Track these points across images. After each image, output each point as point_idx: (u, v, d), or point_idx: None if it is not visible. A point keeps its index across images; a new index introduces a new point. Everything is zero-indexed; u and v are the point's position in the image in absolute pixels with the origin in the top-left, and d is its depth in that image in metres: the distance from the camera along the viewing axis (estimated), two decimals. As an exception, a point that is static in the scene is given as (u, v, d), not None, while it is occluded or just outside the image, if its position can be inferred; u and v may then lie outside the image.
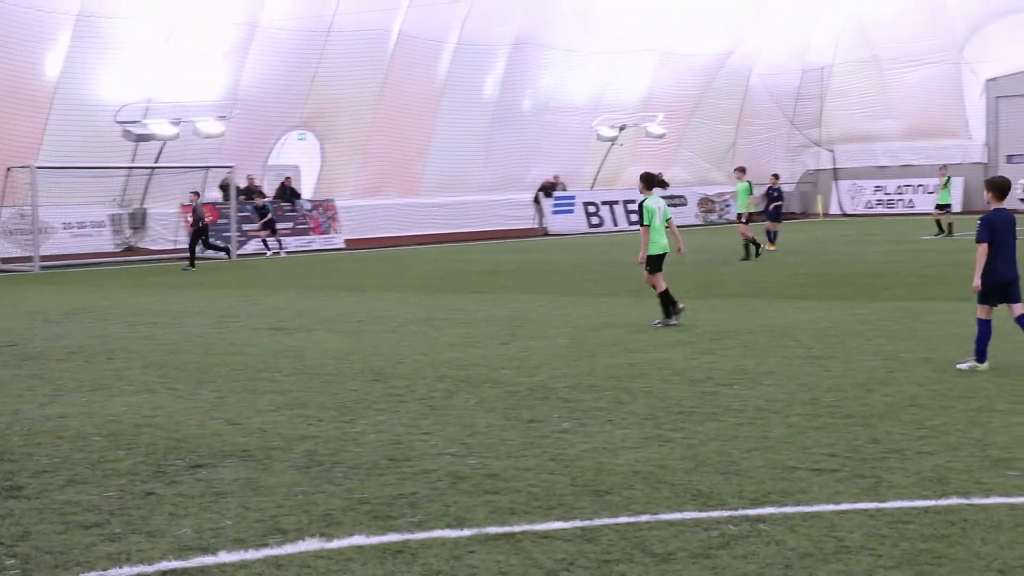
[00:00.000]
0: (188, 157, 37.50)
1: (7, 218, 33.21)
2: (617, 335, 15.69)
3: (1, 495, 8.01)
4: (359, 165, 43.60)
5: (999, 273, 12.08)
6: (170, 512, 7.52)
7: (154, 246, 37.71)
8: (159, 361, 14.22)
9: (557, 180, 48.49)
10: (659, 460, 8.62)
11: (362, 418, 10.44)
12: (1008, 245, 12.12)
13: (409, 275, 27.59)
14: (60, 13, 34.28)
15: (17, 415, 10.89)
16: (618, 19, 48.14)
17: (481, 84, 46.55)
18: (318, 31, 40.12)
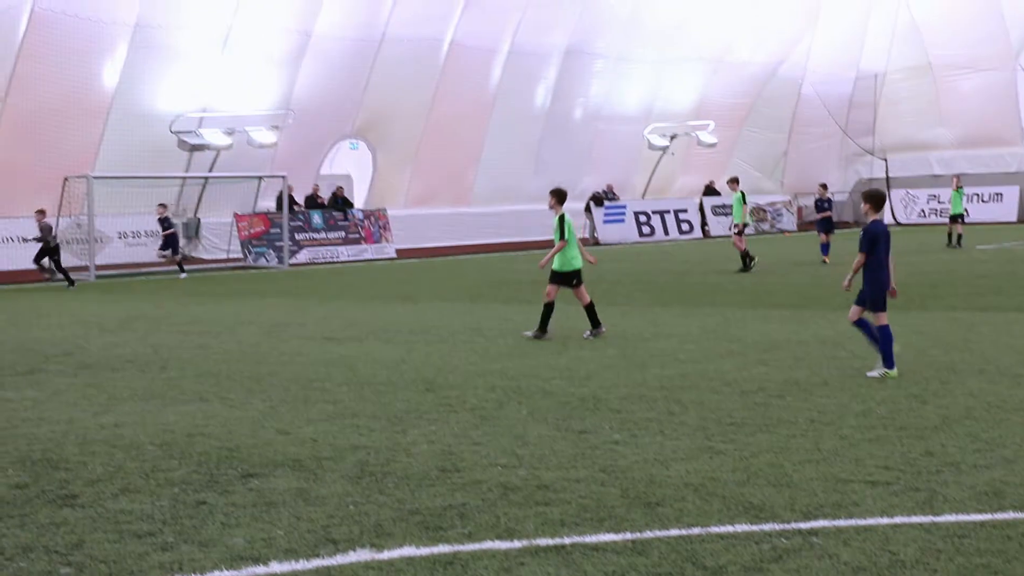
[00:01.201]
0: (242, 167, 37.80)
1: (64, 228, 33.59)
2: (668, 345, 15.63)
3: (56, 503, 8.09)
4: (411, 175, 43.75)
5: (883, 282, 12.77)
6: (222, 522, 7.57)
7: (208, 255, 38.01)
8: (212, 370, 14.32)
9: (610, 189, 48.45)
10: (710, 472, 8.57)
11: (413, 428, 10.46)
12: (887, 255, 12.83)
13: (460, 285, 27.63)
14: (118, 24, 34.69)
15: (72, 424, 11.00)
16: (669, 27, 48.06)
17: (532, 93, 46.60)
18: (371, 40, 40.32)
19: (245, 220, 37.11)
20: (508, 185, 45.88)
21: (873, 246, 12.71)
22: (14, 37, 32.80)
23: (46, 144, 33.70)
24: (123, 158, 35.50)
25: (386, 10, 40.29)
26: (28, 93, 33.38)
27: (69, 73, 33.90)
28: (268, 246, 36.86)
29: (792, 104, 56.09)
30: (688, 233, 49.13)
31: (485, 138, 45.23)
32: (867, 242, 12.73)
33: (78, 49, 33.93)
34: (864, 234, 12.80)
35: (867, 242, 12.73)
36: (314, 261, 37.75)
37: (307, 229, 38.22)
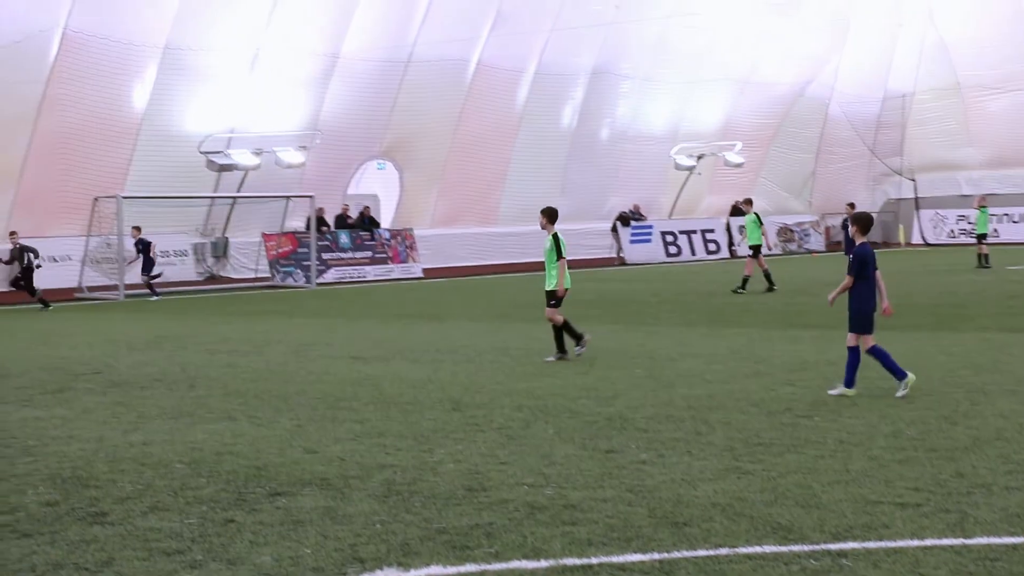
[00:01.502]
0: (269, 187, 37.97)
1: (94, 247, 33.81)
2: (694, 365, 15.59)
3: (86, 521, 8.13)
4: (437, 194, 43.84)
5: (871, 304, 12.87)
6: (250, 540, 7.59)
7: (236, 275, 38.17)
8: (240, 389, 14.37)
9: (636, 210, 48.45)
10: (738, 492, 8.54)
11: (440, 447, 10.46)
12: (873, 278, 12.90)
13: (486, 304, 27.65)
14: (148, 46, 34.94)
15: (102, 442, 11.06)
16: (696, 48, 48.05)
17: (559, 113, 46.65)
18: (398, 61, 40.48)
19: (273, 240, 37.26)
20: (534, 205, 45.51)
21: (862, 269, 12.82)
22: (46, 59, 33.08)
23: (77, 165, 33.96)
24: (152, 178, 35.74)
25: (413, 31, 40.45)
26: (59, 114, 33.65)
27: (99, 94, 34.17)
28: (296, 266, 37.01)
29: (819, 124, 55.95)
30: (715, 253, 49.05)
31: (511, 158, 45.29)
32: (856, 265, 12.82)
33: (108, 71, 34.19)
34: (854, 257, 12.89)
35: (856, 265, 12.82)
36: (341, 281, 37.86)
37: (334, 249, 38.36)
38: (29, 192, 33.76)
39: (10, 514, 8.36)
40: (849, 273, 12.88)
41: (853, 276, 12.82)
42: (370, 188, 43.98)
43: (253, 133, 37.69)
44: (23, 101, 32.82)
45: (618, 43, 46.13)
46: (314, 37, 38.05)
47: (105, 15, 33.35)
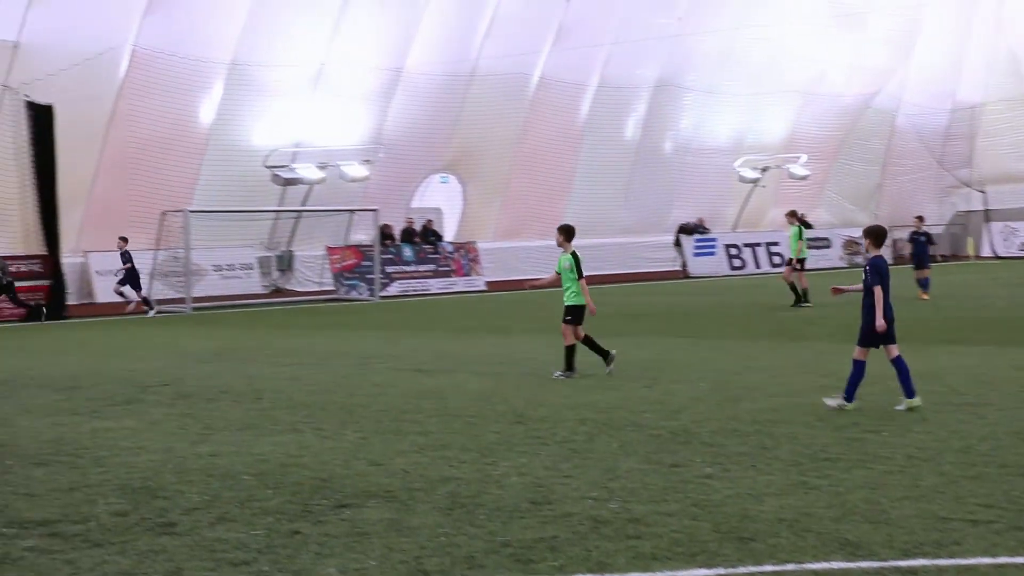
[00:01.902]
0: (334, 200, 38.25)
1: (161, 261, 34.23)
2: (760, 379, 15.48)
3: (155, 531, 8.22)
4: (500, 207, 43.94)
5: (887, 316, 12.85)
6: (316, 551, 7.63)
7: (300, 288, 38.47)
8: (305, 401, 14.47)
9: (701, 223, 48.26)
10: (805, 507, 8.46)
11: (504, 460, 10.46)
12: (888, 289, 12.88)
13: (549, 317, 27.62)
14: (215, 62, 35.40)
15: (170, 453, 11.17)
16: (760, 60, 47.83)
17: (622, 126, 46.62)
18: (461, 76, 40.67)
19: (337, 253, 37.51)
20: (597, 217, 45.86)
21: (880, 281, 12.79)
22: (115, 76, 33.61)
23: (145, 179, 34.43)
24: (219, 192, 36.16)
25: (476, 45, 40.63)
26: (128, 130, 34.16)
27: (167, 110, 34.66)
28: (360, 279, 37.22)
29: (886, 136, 55.43)
30: (780, 266, 48.66)
31: (574, 171, 45.33)
32: (877, 275, 12.76)
33: (176, 87, 34.68)
34: (872, 268, 12.86)
35: (877, 275, 12.76)
36: (405, 293, 38.02)
37: (398, 262, 38.53)
38: (99, 206, 34.29)
39: (82, 523, 8.47)
40: (875, 283, 12.78)
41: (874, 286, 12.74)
42: (433, 201, 44.18)
43: (318, 147, 38.00)
44: (94, 117, 33.36)
45: (682, 55, 46.04)
46: (378, 52, 38.33)
47: (173, 32, 33.83)
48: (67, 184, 31.62)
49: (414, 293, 38.27)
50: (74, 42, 32.01)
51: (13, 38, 31.42)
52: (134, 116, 34.16)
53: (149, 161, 34.52)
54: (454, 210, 44.23)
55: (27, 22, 31.35)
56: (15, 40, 31.44)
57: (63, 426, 12.95)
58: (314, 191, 38.30)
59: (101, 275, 34.34)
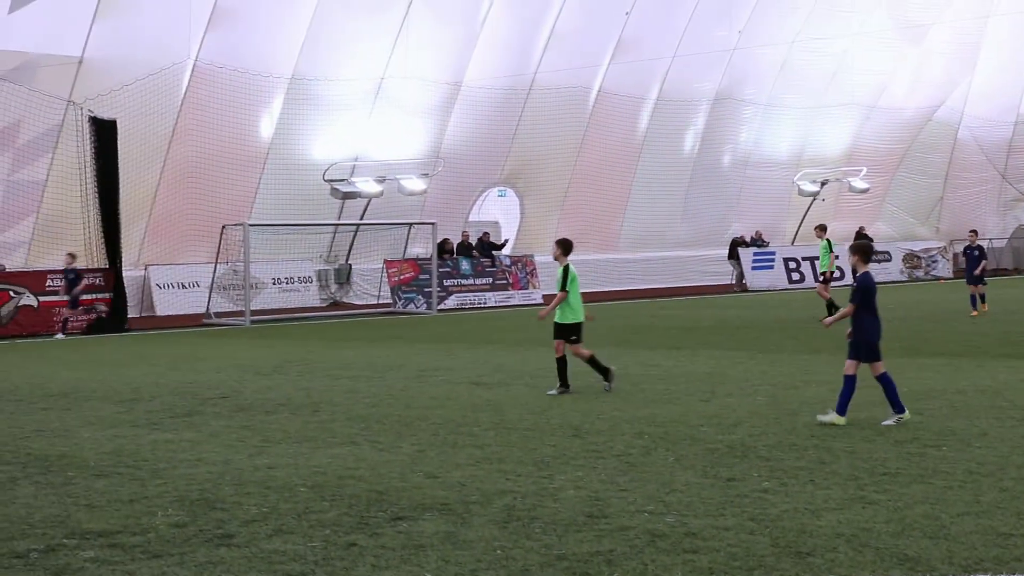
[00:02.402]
0: (392, 214, 38.44)
1: (221, 274, 34.54)
2: (818, 393, 15.35)
3: (213, 543, 8.29)
4: (558, 221, 43.96)
5: (877, 332, 12.96)
6: (372, 563, 7.66)
7: (358, 301, 38.66)
8: (362, 414, 14.53)
9: (759, 236, 48.00)
10: (863, 522, 8.38)
11: (560, 473, 10.45)
12: (875, 307, 12.95)
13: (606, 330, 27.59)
14: (275, 76, 35.73)
15: (228, 465, 11.26)
16: (821, 73, 47.57)
17: (681, 139, 46.51)
18: (520, 89, 40.77)
19: (395, 266, 37.68)
20: (655, 231, 45.80)
21: (866, 298, 12.82)
22: (178, 91, 34.01)
23: (206, 193, 34.79)
24: (278, 206, 36.45)
25: (535, 59, 40.71)
26: (189, 144, 34.55)
27: (228, 124, 35.00)
28: (417, 292, 37.36)
29: (948, 149, 54.84)
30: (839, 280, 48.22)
31: (632, 184, 45.27)
32: (860, 294, 12.84)
33: (237, 101, 35.02)
34: (858, 286, 12.91)
35: (860, 294, 12.84)
36: (462, 307, 38.10)
37: (455, 275, 38.62)
38: (160, 220, 34.68)
39: (142, 535, 8.56)
40: (852, 301, 12.89)
41: (856, 304, 12.84)
42: (491, 215, 44.28)
43: (376, 161, 38.21)
44: (156, 132, 33.78)
45: (741, 68, 45.89)
46: (437, 66, 38.50)
47: (235, 47, 34.19)
48: (129, 198, 32.01)
49: (471, 306, 38.34)
50: (137, 57, 32.44)
51: (78, 54, 31.89)
52: (195, 130, 34.54)
53: (210, 175, 34.88)
54: (512, 223, 44.30)
55: (91, 38, 31.81)
56: (80, 56, 31.90)
57: (123, 438, 13.10)
58: (372, 204, 38.50)
59: (161, 288, 34.72)
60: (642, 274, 44.73)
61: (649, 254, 45.34)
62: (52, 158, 32.37)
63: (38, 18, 30.93)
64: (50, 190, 32.42)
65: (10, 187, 32.29)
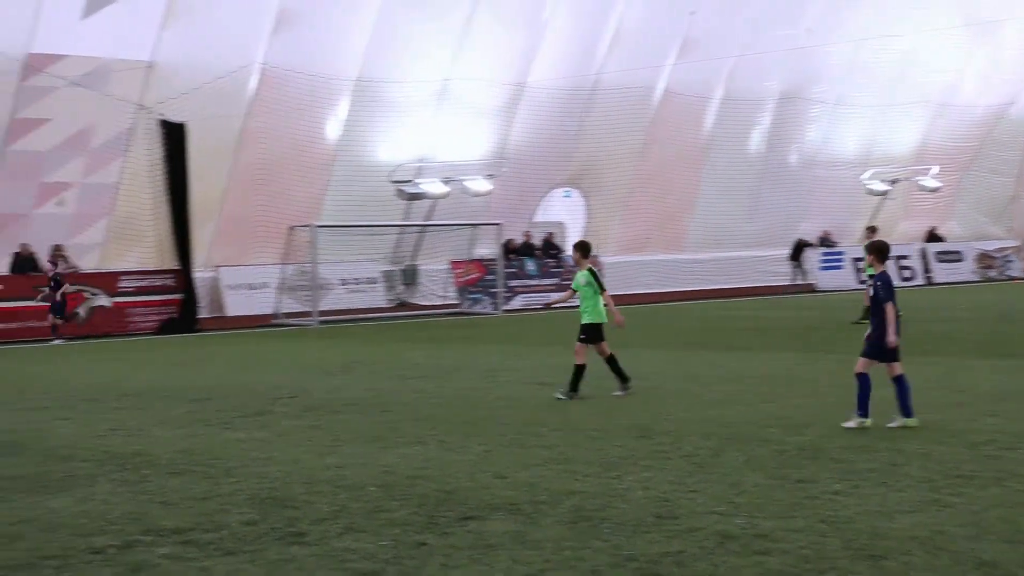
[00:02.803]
0: (457, 215, 38.54)
1: (289, 275, 34.82)
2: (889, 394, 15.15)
3: (285, 541, 8.36)
4: (623, 221, 43.85)
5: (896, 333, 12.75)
6: (441, 563, 7.69)
7: (425, 301, 38.81)
8: (430, 414, 14.59)
9: (827, 236, 47.58)
10: (938, 526, 8.28)
11: (629, 474, 10.43)
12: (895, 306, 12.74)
13: (673, 331, 27.48)
14: (341, 79, 35.95)
15: (298, 464, 11.35)
16: (890, 71, 47.02)
17: (747, 139, 46.18)
18: (584, 89, 40.70)
19: (461, 267, 37.77)
20: (722, 231, 45.52)
21: (891, 293, 12.66)
22: (245, 94, 34.33)
23: (273, 195, 35.08)
24: (345, 207, 36.66)
25: (600, 59, 40.64)
26: (257, 147, 34.86)
27: (295, 127, 35.29)
28: (483, 292, 37.42)
29: (1022, 146, 53.97)
30: (910, 280, 47.71)
31: (698, 184, 45.04)
32: (888, 290, 12.65)
33: (304, 104, 35.28)
34: (882, 284, 12.72)
35: (888, 290, 12.65)
36: (528, 307, 38.10)
37: (521, 276, 38.65)
38: (229, 222, 35.03)
39: (215, 532, 8.66)
40: (886, 302, 12.64)
41: (886, 302, 12.62)
42: (556, 215, 44.25)
43: (442, 162, 38.33)
44: (224, 135, 34.12)
45: (809, 67, 45.48)
46: (501, 67, 38.54)
47: (301, 50, 34.44)
48: (199, 200, 32.38)
49: (536, 307, 38.33)
50: (206, 61, 32.78)
51: (148, 58, 32.30)
52: (263, 133, 34.84)
53: (277, 177, 35.17)
54: (577, 224, 44.23)
55: (161, 42, 32.21)
56: (149, 60, 32.31)
57: (196, 437, 13.25)
58: (438, 205, 38.63)
59: (231, 289, 35.05)
60: (708, 274, 44.46)
61: (716, 254, 45.06)
62: (124, 161, 32.83)
63: (109, 23, 31.34)
64: (122, 193, 32.88)
65: (84, 190, 32.78)
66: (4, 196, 31.22)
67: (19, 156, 31.27)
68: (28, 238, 31.01)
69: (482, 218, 38.92)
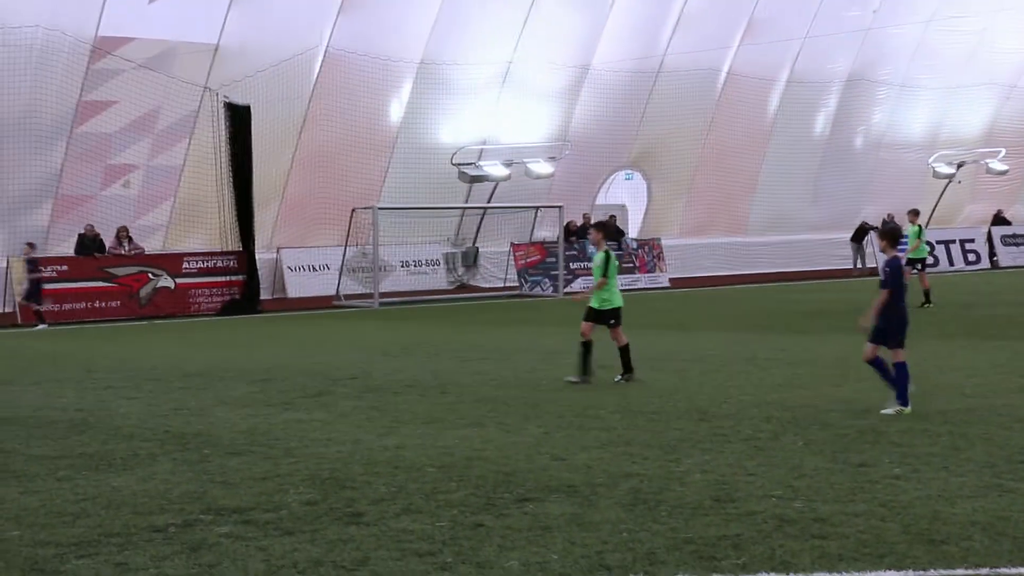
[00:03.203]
0: (519, 197, 38.52)
1: (351, 257, 35.00)
2: (952, 379, 15.02)
3: (343, 521, 8.43)
4: (685, 204, 43.63)
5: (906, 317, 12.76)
6: (499, 544, 7.71)
7: (485, 283, 38.86)
8: (489, 396, 14.63)
9: (891, 219, 47.01)
10: (1000, 511, 8.19)
11: (687, 457, 10.40)
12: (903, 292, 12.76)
13: (734, 314, 27.33)
14: (405, 62, 36.05)
15: (358, 445, 11.44)
16: (959, 52, 46.35)
17: (811, 121, 45.74)
18: (647, 72, 40.49)
19: (522, 249, 37.78)
20: (785, 214, 45.15)
21: (895, 281, 12.57)
22: (309, 77, 34.53)
23: (336, 177, 35.27)
24: (406, 189, 36.80)
25: (664, 41, 40.42)
26: (320, 129, 35.06)
27: (358, 109, 35.43)
28: (543, 275, 37.41)
29: (1092, 128, 53.02)
30: (975, 264, 47.06)
31: (761, 167, 44.68)
32: (892, 277, 12.57)
33: (367, 86, 35.42)
34: (888, 269, 12.67)
35: (892, 277, 12.57)
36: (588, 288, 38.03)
37: (582, 258, 38.58)
38: (292, 204, 35.29)
39: (274, 512, 8.74)
40: (885, 286, 12.59)
41: (890, 289, 12.56)
42: (618, 198, 44.12)
43: (504, 144, 38.33)
44: (289, 117, 34.36)
45: (875, 49, 44.94)
46: (565, 49, 38.44)
47: (365, 33, 34.57)
48: (262, 182, 32.61)
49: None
50: (270, 44, 33.01)
51: (214, 41, 32.57)
52: (326, 116, 35.03)
53: (340, 159, 35.34)
54: (639, 207, 44.07)
55: (227, 25, 32.46)
56: (215, 43, 32.58)
57: (256, 417, 13.38)
58: (500, 188, 38.64)
59: (292, 271, 35.33)
60: (771, 258, 44.13)
61: (779, 237, 44.73)
62: (189, 143, 33.16)
63: (176, 7, 31.65)
64: (187, 175, 33.21)
65: (149, 172, 33.16)
66: (71, 177, 31.66)
67: (86, 138, 31.69)
68: (93, 219, 31.42)
69: (543, 201, 38.88)
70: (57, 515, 8.80)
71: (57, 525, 8.49)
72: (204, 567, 7.36)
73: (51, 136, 30.77)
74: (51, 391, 16.08)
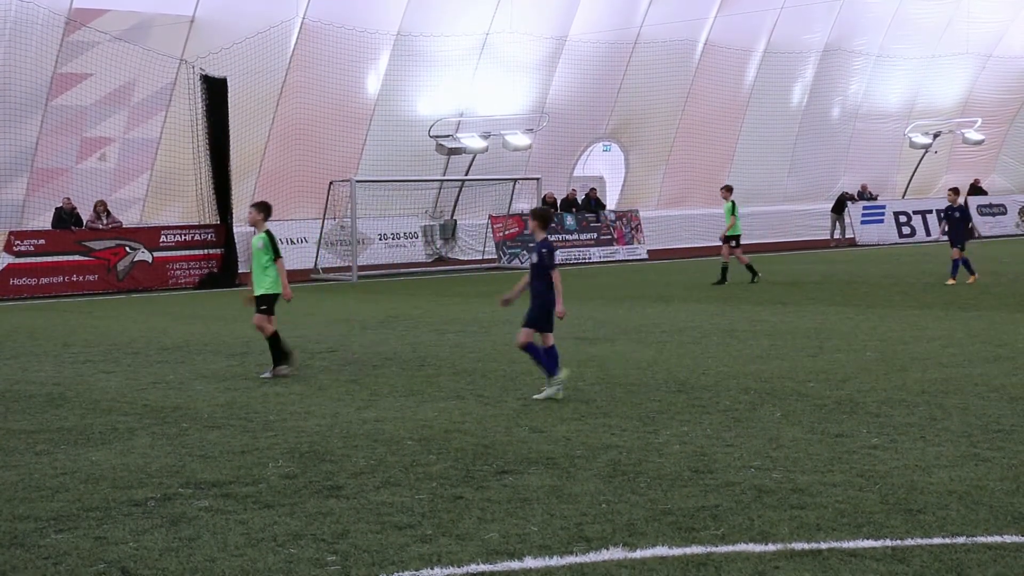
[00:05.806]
0: (497, 169, 38.48)
1: (328, 230, 34.91)
2: (929, 349, 15.10)
3: (323, 494, 8.44)
4: (663, 175, 43.67)
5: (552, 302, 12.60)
6: (478, 516, 7.74)
7: (463, 256, 38.85)
8: (468, 368, 14.64)
9: (864, 189, 47.17)
10: (976, 480, 8.26)
11: (665, 429, 10.44)
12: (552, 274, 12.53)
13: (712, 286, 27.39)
14: (382, 33, 35.89)
15: (337, 418, 11.44)
16: (935, 22, 46.42)
17: (788, 92, 45.81)
18: (624, 43, 40.44)
19: (500, 222, 37.76)
20: (762, 185, 45.23)
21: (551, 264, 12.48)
22: (286, 48, 34.35)
23: (313, 149, 35.15)
24: (384, 162, 36.71)
25: (640, 12, 40.35)
26: (297, 101, 34.91)
27: (335, 81, 35.29)
28: (522, 247, 37.41)
29: (1068, 98, 53.26)
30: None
31: (738, 138, 44.77)
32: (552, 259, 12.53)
33: (344, 58, 35.26)
34: (545, 251, 12.58)
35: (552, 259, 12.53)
36: (566, 262, 38.05)
37: (560, 230, 38.59)
38: (269, 176, 35.15)
39: (253, 485, 8.75)
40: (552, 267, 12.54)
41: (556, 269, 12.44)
42: (595, 170, 44.11)
43: (481, 117, 38.25)
44: (265, 90, 34.21)
45: (851, 19, 44.99)
46: (542, 21, 38.34)
47: (341, 4, 34.44)
48: (239, 155, 32.48)
49: (575, 262, 38.30)
50: (247, 16, 32.82)
51: (189, 13, 32.36)
52: (303, 88, 34.88)
53: (317, 132, 35.22)
54: (617, 178, 44.09)
55: (202, -3, 32.30)
56: (191, 15, 32.37)
57: (235, 391, 13.37)
58: (477, 160, 38.59)
59: (271, 244, 35.21)
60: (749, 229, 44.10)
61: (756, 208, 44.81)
62: (165, 116, 32.98)
63: (151, -22, 31.46)
64: (163, 147, 33.05)
65: (125, 145, 32.98)
66: (46, 150, 31.45)
67: (61, 111, 31.47)
68: (69, 192, 31.24)
69: (521, 173, 38.84)
70: (36, 489, 8.78)
71: (36, 499, 8.48)
72: (184, 541, 7.36)
73: (26, 109, 30.55)
74: (28, 365, 16.02)
